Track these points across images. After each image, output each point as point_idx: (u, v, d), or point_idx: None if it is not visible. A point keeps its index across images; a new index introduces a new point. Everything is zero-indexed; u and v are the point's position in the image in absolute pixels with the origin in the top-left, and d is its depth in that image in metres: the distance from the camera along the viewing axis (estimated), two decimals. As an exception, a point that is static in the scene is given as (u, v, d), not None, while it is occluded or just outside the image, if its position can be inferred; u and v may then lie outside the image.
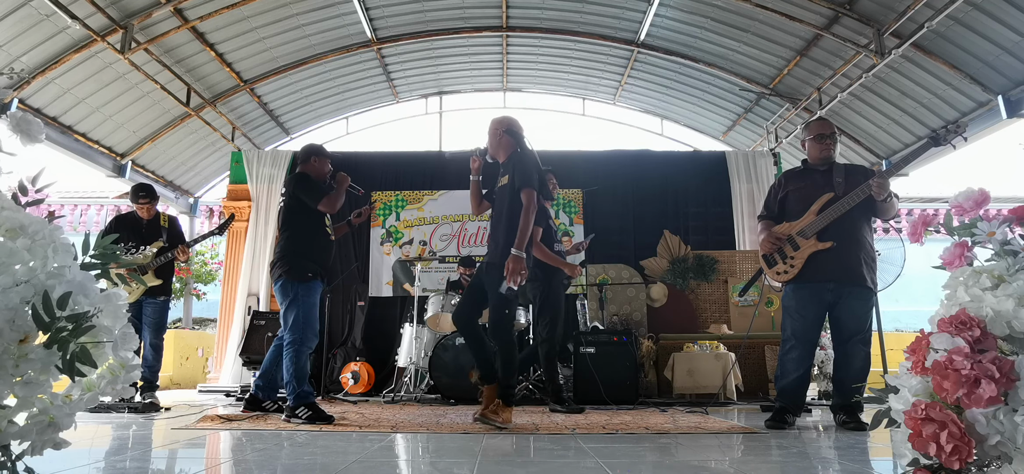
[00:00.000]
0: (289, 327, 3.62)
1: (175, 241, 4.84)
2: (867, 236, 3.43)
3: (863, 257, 3.37)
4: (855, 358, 3.36)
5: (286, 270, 3.64)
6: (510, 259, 3.19)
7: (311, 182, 3.79)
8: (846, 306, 3.36)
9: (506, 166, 3.58)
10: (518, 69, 9.23)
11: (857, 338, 3.36)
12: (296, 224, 3.76)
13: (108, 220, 6.57)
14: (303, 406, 3.49)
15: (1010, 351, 1.06)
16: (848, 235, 3.36)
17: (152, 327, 4.72)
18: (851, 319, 3.36)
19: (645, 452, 2.35)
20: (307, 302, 3.66)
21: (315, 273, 3.72)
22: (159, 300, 4.78)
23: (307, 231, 3.75)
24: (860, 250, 3.38)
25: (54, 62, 6.19)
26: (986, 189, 1.19)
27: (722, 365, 5.63)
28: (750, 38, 7.36)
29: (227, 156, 8.63)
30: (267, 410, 4.00)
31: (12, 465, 1.02)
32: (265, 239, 7.84)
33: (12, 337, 0.99)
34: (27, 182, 1.15)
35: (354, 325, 7.41)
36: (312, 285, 3.70)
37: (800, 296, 3.48)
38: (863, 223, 3.42)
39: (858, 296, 3.35)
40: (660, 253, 7.42)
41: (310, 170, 3.87)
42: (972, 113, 6.60)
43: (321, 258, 3.78)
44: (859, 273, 3.34)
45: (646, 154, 8.40)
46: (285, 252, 3.70)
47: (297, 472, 1.86)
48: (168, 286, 4.89)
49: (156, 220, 4.88)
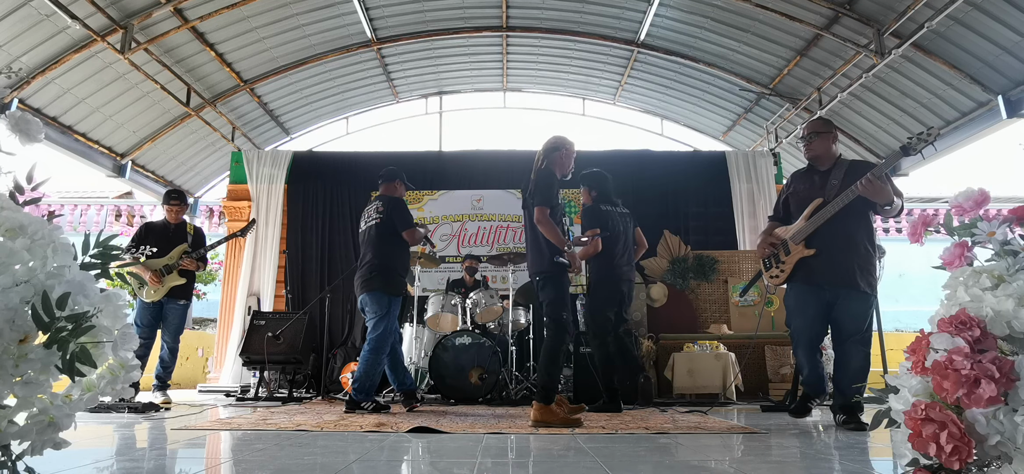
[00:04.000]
0: (379, 335, 4.12)
1: (198, 249, 5.07)
2: (863, 238, 3.36)
3: (857, 261, 3.32)
4: (853, 358, 3.34)
5: (384, 285, 4.16)
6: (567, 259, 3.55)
7: (405, 210, 4.37)
8: (843, 308, 3.35)
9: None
10: (518, 69, 9.23)
11: (855, 339, 3.33)
12: (396, 244, 4.29)
13: (107, 220, 6.65)
14: (370, 401, 4.08)
15: (1010, 351, 1.06)
16: (840, 239, 3.33)
17: (172, 329, 4.97)
18: (848, 321, 3.34)
19: (645, 452, 2.35)
20: (394, 315, 4.22)
21: (404, 291, 4.33)
22: (180, 304, 4.99)
23: (402, 252, 4.35)
24: (853, 253, 3.32)
25: (54, 62, 6.19)
26: (986, 189, 1.19)
27: (722, 365, 5.63)
28: (750, 38, 7.36)
29: (227, 156, 8.63)
30: (409, 403, 4.39)
31: (12, 465, 1.02)
32: (265, 239, 7.83)
33: (12, 337, 0.99)
34: (23, 181, 1.15)
35: (354, 325, 7.40)
36: (400, 300, 4.29)
37: (799, 294, 3.51)
38: (859, 225, 3.36)
39: (854, 299, 3.32)
40: (660, 253, 7.41)
41: (397, 193, 4.51)
42: (972, 113, 6.60)
43: (406, 278, 4.43)
44: (852, 278, 3.30)
45: (646, 154, 8.40)
46: (384, 268, 4.19)
47: (297, 472, 1.85)
48: (190, 291, 5.10)
49: (182, 226, 5.11)
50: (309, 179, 8.02)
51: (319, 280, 7.55)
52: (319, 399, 5.63)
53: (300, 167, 8.10)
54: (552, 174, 3.74)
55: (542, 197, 3.57)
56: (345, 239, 7.83)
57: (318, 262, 7.76)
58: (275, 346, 5.82)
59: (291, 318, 6.07)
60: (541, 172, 3.73)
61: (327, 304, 5.96)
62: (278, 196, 7.96)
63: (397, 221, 4.26)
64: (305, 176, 8.04)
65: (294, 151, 8.38)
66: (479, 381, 5.24)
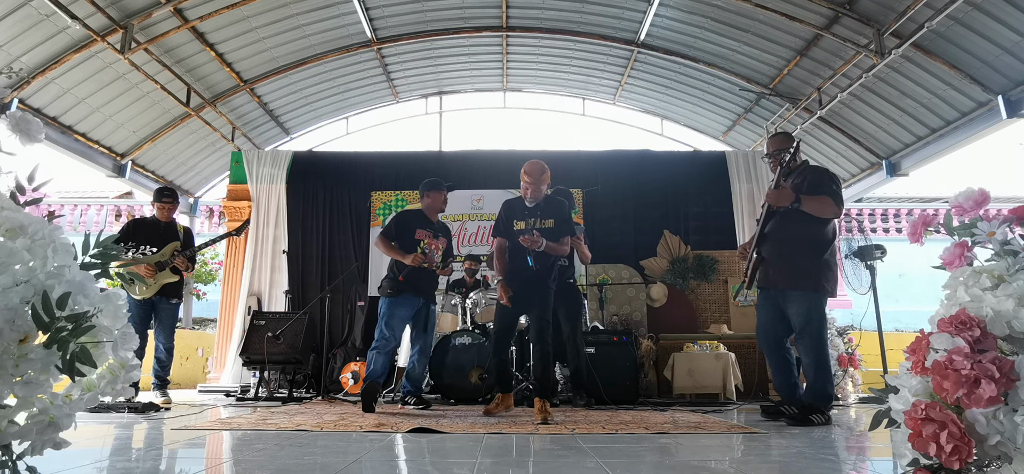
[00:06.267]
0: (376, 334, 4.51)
1: (187, 249, 5.08)
2: (802, 241, 3.57)
3: (798, 262, 3.55)
4: (802, 357, 3.59)
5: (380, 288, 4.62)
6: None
7: (387, 224, 4.68)
8: (788, 311, 3.61)
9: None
10: (518, 69, 9.23)
11: (801, 338, 3.56)
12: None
13: (107, 220, 6.69)
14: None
15: (1010, 351, 1.06)
16: (783, 242, 3.61)
17: (166, 328, 4.98)
18: (792, 319, 3.59)
19: (645, 452, 2.35)
20: (384, 315, 4.52)
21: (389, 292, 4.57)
22: (172, 302, 5.00)
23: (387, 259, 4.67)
24: (795, 255, 3.57)
25: (54, 62, 6.19)
26: (986, 189, 1.19)
27: (722, 365, 5.63)
28: (750, 38, 7.36)
29: (227, 156, 8.63)
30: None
31: (13, 464, 1.02)
32: (266, 240, 7.83)
33: (12, 337, 0.99)
34: (24, 181, 1.15)
35: (354, 325, 7.40)
36: (391, 301, 4.55)
37: (759, 301, 3.85)
38: (799, 228, 3.56)
39: (793, 299, 3.56)
40: (660, 253, 7.42)
41: (420, 204, 4.69)
42: (972, 113, 6.60)
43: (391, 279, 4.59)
44: (793, 279, 3.55)
45: (646, 154, 8.40)
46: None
47: (297, 472, 1.85)
48: (180, 290, 5.10)
49: (173, 226, 5.12)
50: (309, 179, 8.03)
51: (319, 280, 7.55)
52: (319, 399, 5.63)
53: (300, 167, 8.10)
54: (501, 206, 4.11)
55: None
56: (345, 239, 7.83)
57: (318, 262, 7.76)
58: (275, 346, 5.82)
59: (291, 318, 6.07)
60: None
61: (327, 304, 5.96)
62: (278, 196, 7.96)
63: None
64: (305, 176, 8.04)
65: (294, 151, 8.38)
66: (479, 381, 5.24)
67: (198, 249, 5.23)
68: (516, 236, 3.89)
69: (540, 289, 3.86)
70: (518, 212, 3.97)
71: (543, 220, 3.92)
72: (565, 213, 4.05)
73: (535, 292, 3.86)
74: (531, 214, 3.93)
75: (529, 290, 3.88)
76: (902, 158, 7.83)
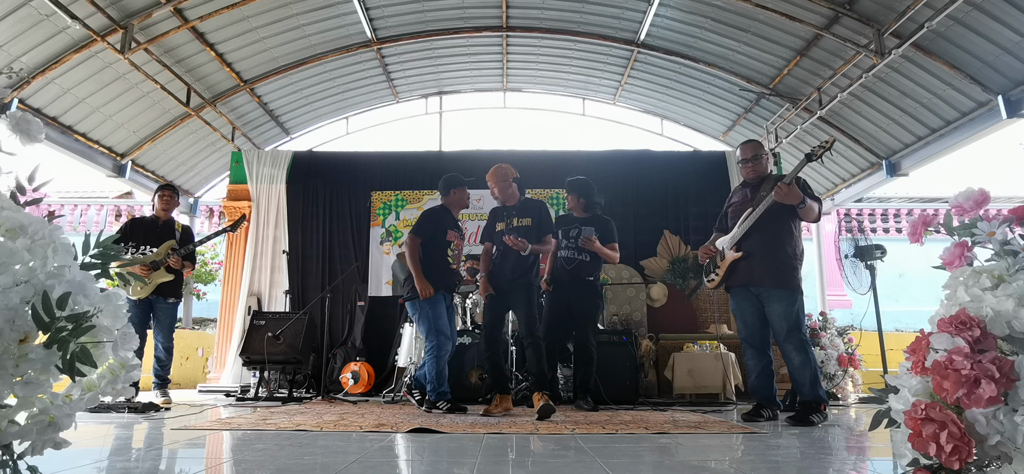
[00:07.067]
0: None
1: (185, 247, 5.07)
2: (787, 241, 3.68)
3: (781, 261, 3.63)
4: (792, 358, 3.59)
5: (409, 291, 4.46)
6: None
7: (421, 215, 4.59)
8: (771, 309, 3.65)
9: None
10: (518, 69, 9.23)
11: (788, 338, 3.59)
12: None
13: (107, 220, 6.69)
14: (443, 401, 4.18)
15: (1010, 351, 1.06)
16: (764, 242, 3.67)
17: (165, 328, 4.97)
18: (777, 320, 3.63)
19: (645, 452, 2.35)
20: (426, 314, 4.34)
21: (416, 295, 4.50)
22: (169, 302, 4.99)
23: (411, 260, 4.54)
24: (776, 255, 3.64)
25: (54, 62, 6.18)
26: (986, 189, 1.19)
27: (722, 365, 5.63)
28: (750, 38, 7.36)
29: (227, 156, 8.63)
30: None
31: (14, 464, 1.02)
32: (266, 240, 7.83)
33: (12, 337, 0.99)
34: (24, 182, 1.15)
35: (354, 325, 7.40)
36: (419, 303, 4.42)
37: (736, 301, 3.87)
38: (782, 229, 3.68)
39: (778, 298, 3.62)
40: (660, 253, 7.42)
41: (447, 199, 4.56)
42: (972, 113, 6.59)
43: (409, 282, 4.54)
44: (775, 277, 3.62)
45: (646, 154, 8.40)
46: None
47: (297, 472, 1.85)
48: (179, 290, 5.09)
49: (170, 224, 5.11)
50: (309, 179, 8.02)
51: (319, 280, 7.55)
52: (319, 399, 5.63)
53: (300, 167, 8.10)
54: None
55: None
56: (345, 239, 7.83)
57: (318, 262, 7.76)
58: (275, 346, 5.82)
59: (291, 318, 6.07)
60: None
61: (327, 304, 5.96)
62: (278, 196, 7.96)
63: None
64: (305, 176, 8.04)
65: (294, 151, 8.37)
66: (479, 381, 5.24)
67: (196, 245, 5.19)
68: (498, 237, 4.15)
69: (523, 286, 4.05)
70: (500, 215, 4.27)
71: (520, 219, 4.15)
72: (543, 212, 4.22)
73: (519, 290, 4.04)
74: (509, 215, 4.19)
75: (513, 288, 4.07)
76: (902, 158, 7.82)
